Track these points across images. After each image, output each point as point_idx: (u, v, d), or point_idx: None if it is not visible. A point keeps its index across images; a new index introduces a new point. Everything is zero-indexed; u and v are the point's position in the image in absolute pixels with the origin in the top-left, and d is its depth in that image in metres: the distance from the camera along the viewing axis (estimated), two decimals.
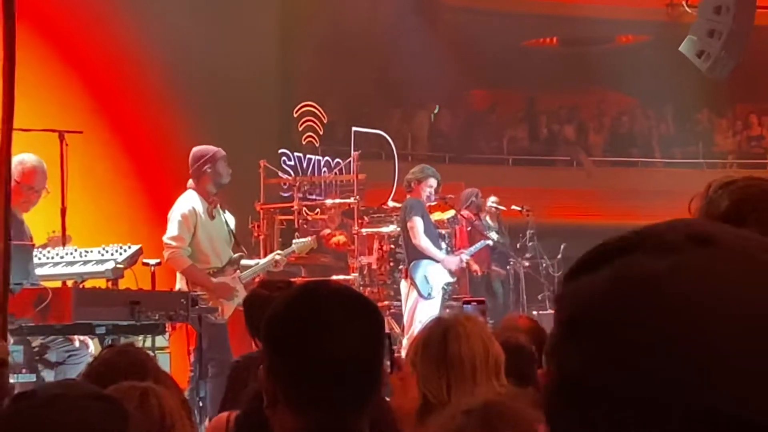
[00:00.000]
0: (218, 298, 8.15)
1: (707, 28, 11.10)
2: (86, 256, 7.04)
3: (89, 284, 6.93)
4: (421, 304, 10.31)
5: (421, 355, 3.11)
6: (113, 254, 6.96)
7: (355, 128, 13.83)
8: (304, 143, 14.75)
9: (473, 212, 12.64)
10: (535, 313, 11.85)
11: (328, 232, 12.21)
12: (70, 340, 7.03)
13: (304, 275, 11.59)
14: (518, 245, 13.12)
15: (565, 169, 19.71)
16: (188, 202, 8.29)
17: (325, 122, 15.16)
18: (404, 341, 9.83)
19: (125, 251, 6.97)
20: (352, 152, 12.71)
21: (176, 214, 8.24)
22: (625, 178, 19.00)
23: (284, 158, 13.83)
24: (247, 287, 8.11)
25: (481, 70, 18.78)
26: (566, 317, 0.85)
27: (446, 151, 18.61)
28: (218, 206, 8.43)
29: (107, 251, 7.01)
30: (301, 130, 14.87)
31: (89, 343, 7.19)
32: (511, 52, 19.04)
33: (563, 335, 0.85)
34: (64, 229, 7.75)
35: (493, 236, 12.29)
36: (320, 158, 14.28)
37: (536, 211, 13.43)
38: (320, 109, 15.07)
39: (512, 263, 12.85)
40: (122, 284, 6.93)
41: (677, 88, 17.28)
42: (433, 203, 11.05)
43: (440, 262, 10.48)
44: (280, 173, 12.99)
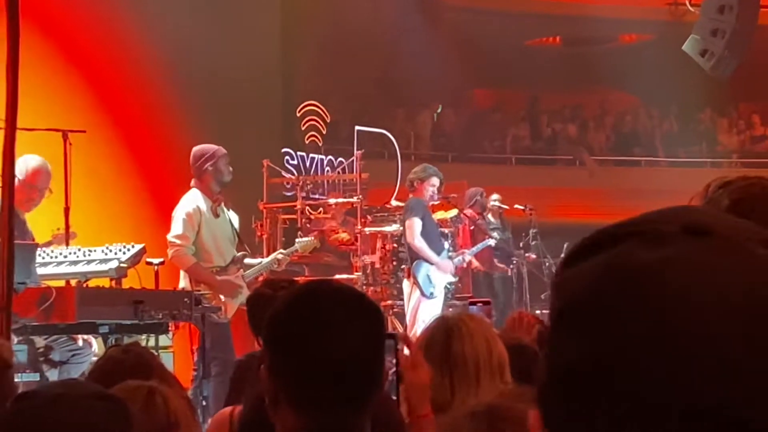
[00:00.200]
0: (223, 296, 8.15)
1: (710, 27, 11.09)
2: (90, 255, 7.04)
3: (93, 283, 6.93)
4: (423, 303, 10.30)
5: (424, 354, 3.10)
6: (117, 253, 6.96)
7: (358, 127, 13.84)
8: (307, 142, 14.74)
9: (477, 211, 12.62)
10: (538, 312, 11.84)
11: (332, 224, 12.17)
12: (73, 339, 7.03)
13: (307, 274, 11.59)
14: (521, 244, 13.11)
15: (567, 168, 19.69)
16: (192, 200, 8.28)
17: (328, 121, 15.15)
18: None
19: (129, 250, 6.97)
20: (355, 151, 12.71)
21: (180, 212, 8.23)
22: (628, 177, 18.97)
23: (287, 157, 13.83)
24: (250, 286, 8.10)
25: (484, 69, 18.77)
26: (558, 306, 0.85)
27: (449, 150, 18.61)
28: (222, 204, 8.42)
29: (111, 250, 7.01)
30: (304, 129, 14.86)
31: (93, 342, 7.19)
32: (514, 51, 19.03)
33: (555, 325, 0.85)
34: (67, 228, 7.75)
35: (495, 236, 12.27)
36: (323, 157, 14.28)
37: (539, 210, 13.41)
38: (323, 108, 15.05)
39: (515, 262, 12.83)
40: (126, 283, 6.94)
41: (680, 87, 17.26)
42: (436, 202, 11.04)
43: (434, 264, 10.42)
44: (283, 172, 12.98)
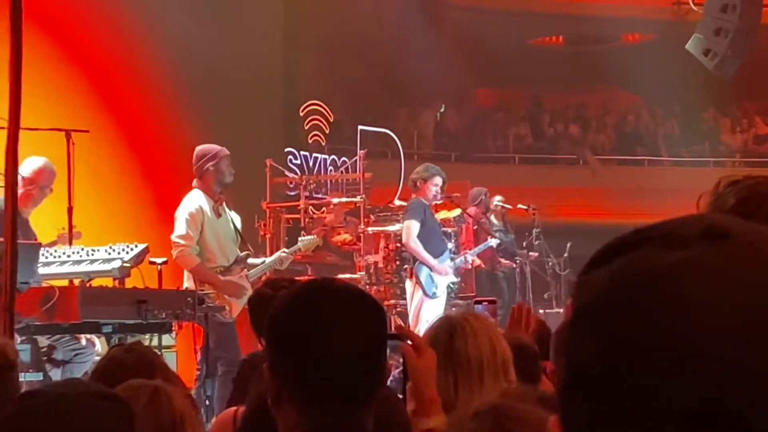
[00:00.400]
0: (227, 295, 8.15)
1: (714, 26, 11.08)
2: (93, 255, 7.04)
3: (96, 283, 6.94)
4: (426, 303, 10.30)
5: None
6: (120, 253, 6.97)
7: (361, 127, 13.84)
8: (310, 142, 14.74)
9: (482, 210, 12.62)
10: (541, 311, 11.85)
11: (331, 218, 12.14)
12: (76, 338, 7.04)
13: (310, 274, 11.58)
14: (524, 244, 13.11)
15: (570, 167, 19.68)
16: (195, 200, 8.28)
17: (331, 121, 15.15)
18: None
19: (132, 250, 6.97)
20: (358, 151, 12.71)
21: (183, 212, 8.23)
22: (631, 176, 18.97)
23: (290, 157, 13.83)
24: (253, 286, 8.10)
25: (486, 68, 18.77)
26: (575, 308, 0.85)
27: (452, 149, 18.60)
28: (224, 204, 8.42)
29: (114, 250, 7.01)
30: (307, 128, 14.86)
31: (96, 341, 7.20)
32: (516, 50, 19.03)
33: (571, 327, 0.85)
34: (71, 227, 7.76)
35: (497, 237, 12.23)
36: (326, 157, 14.28)
37: (542, 209, 13.39)
38: (326, 107, 15.06)
39: (518, 261, 12.83)
40: (129, 283, 6.95)
41: (683, 86, 17.27)
42: (439, 202, 11.03)
43: (431, 267, 10.36)
44: (286, 172, 12.98)
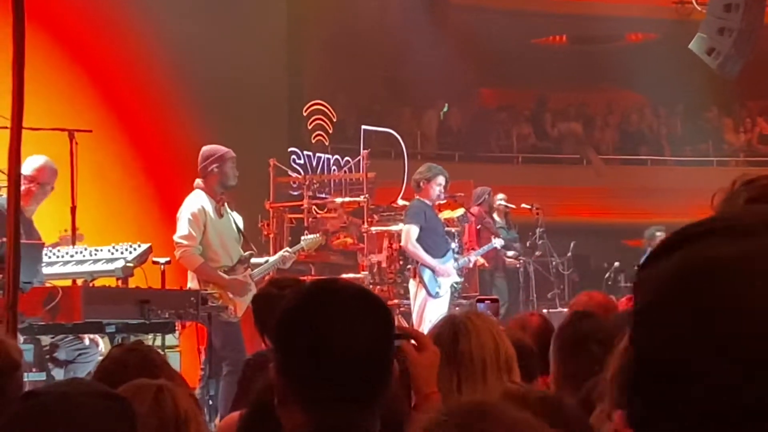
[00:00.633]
0: (232, 293, 8.14)
1: (717, 25, 11.07)
2: (96, 254, 7.04)
3: (99, 283, 6.94)
4: (429, 303, 10.29)
5: None
6: (123, 253, 6.96)
7: (364, 126, 13.83)
8: (313, 142, 14.73)
9: (485, 210, 12.61)
10: (545, 311, 11.83)
11: (333, 218, 12.13)
12: (79, 338, 7.04)
13: (313, 273, 11.58)
14: (528, 243, 13.09)
15: (574, 167, 19.67)
16: (197, 201, 8.27)
17: (334, 121, 15.14)
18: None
19: (135, 250, 6.97)
20: (361, 150, 12.71)
21: (186, 213, 8.22)
22: (634, 176, 18.97)
23: (294, 157, 13.82)
24: (257, 285, 8.09)
25: (490, 68, 18.77)
26: (638, 304, 0.84)
27: (455, 149, 18.60)
28: (225, 205, 8.41)
29: (117, 250, 7.01)
30: (310, 128, 14.85)
31: (99, 341, 7.20)
32: (520, 50, 19.04)
33: (636, 323, 0.84)
34: (74, 227, 7.76)
35: (500, 239, 12.18)
36: (330, 156, 14.27)
37: (546, 209, 13.38)
38: (330, 107, 15.05)
39: (522, 261, 12.82)
40: (132, 283, 6.94)
41: (687, 86, 17.25)
42: (442, 201, 11.01)
43: (433, 269, 10.30)
44: (289, 172, 12.98)
